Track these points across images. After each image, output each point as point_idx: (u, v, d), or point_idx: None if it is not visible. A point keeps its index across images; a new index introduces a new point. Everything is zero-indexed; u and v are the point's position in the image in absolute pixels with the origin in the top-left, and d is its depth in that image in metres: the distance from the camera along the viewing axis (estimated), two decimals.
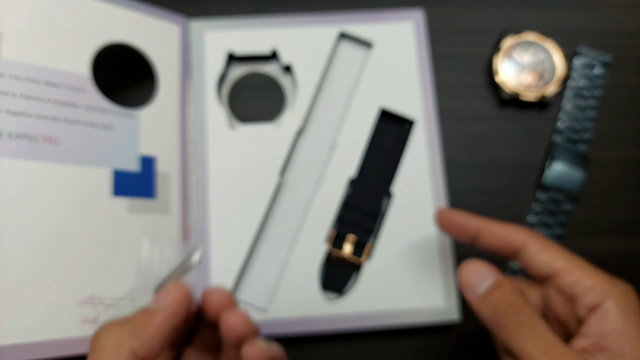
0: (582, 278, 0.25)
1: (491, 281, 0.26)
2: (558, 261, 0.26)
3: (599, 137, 0.41)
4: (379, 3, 0.42)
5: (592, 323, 0.24)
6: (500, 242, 0.28)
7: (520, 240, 0.27)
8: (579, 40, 0.42)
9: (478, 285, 0.26)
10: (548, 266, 0.26)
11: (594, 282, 0.25)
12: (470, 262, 0.27)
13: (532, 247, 0.27)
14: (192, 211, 0.36)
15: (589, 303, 0.24)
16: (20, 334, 0.26)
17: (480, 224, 0.29)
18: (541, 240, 0.27)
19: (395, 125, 0.39)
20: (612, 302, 0.24)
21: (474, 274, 0.26)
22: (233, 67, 0.41)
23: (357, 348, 0.36)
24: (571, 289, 0.25)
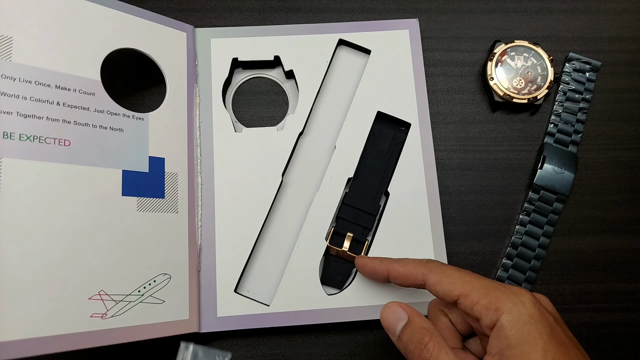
0: (478, 299, 0.25)
1: (404, 321, 0.27)
2: (456, 288, 0.26)
3: (589, 139, 0.40)
4: (376, 12, 0.42)
5: (492, 342, 0.24)
6: (405, 280, 0.29)
7: (420, 275, 0.28)
8: (570, 45, 0.42)
9: (396, 327, 0.27)
10: (449, 295, 0.26)
11: (489, 302, 0.25)
12: (388, 305, 0.28)
13: (431, 280, 0.27)
14: (198, 210, 0.36)
15: (488, 323, 0.24)
16: (31, 329, 0.26)
17: (386, 267, 0.30)
18: (438, 271, 0.27)
19: (392, 128, 0.39)
20: (504, 318, 0.24)
21: (390, 315, 0.28)
22: (237, 73, 0.40)
23: (356, 339, 0.36)
24: (473, 312, 0.25)
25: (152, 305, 0.31)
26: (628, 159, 0.40)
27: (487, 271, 0.38)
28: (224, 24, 0.41)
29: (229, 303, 0.34)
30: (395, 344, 0.28)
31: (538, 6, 0.43)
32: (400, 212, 0.36)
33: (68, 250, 0.28)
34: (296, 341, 0.36)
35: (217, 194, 0.36)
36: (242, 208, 0.36)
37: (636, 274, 0.38)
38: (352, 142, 0.38)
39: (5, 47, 0.28)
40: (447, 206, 0.38)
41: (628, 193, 0.39)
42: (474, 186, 0.39)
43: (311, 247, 0.36)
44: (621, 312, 0.37)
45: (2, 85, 0.28)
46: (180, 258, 0.34)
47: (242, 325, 0.34)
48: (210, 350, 0.30)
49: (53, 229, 0.28)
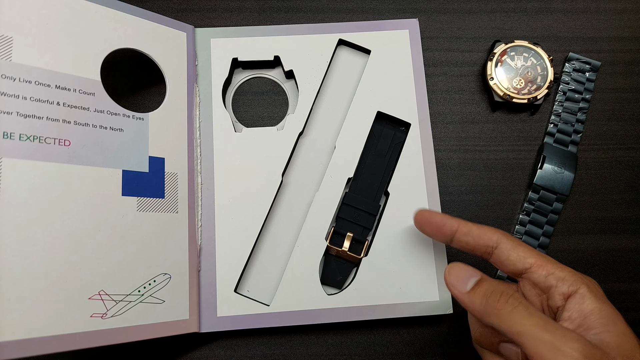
0: (554, 271, 0.26)
1: (477, 278, 0.27)
2: (531, 257, 0.27)
3: (589, 139, 0.40)
4: (376, 12, 0.42)
5: (573, 308, 0.25)
6: (476, 240, 0.29)
7: (495, 239, 0.28)
8: (570, 45, 0.42)
9: (465, 283, 0.27)
10: (522, 262, 0.27)
11: (566, 274, 0.26)
12: (455, 264, 0.28)
13: (506, 245, 0.28)
14: (198, 210, 0.36)
15: (565, 291, 0.26)
16: (31, 329, 0.26)
17: (458, 224, 0.30)
18: (513, 239, 0.28)
19: (392, 128, 0.39)
20: (585, 289, 0.25)
21: (460, 273, 0.27)
22: (237, 73, 0.40)
23: (355, 338, 0.36)
24: (545, 281, 0.26)
25: (152, 305, 0.31)
26: (628, 159, 0.40)
27: (487, 271, 0.37)
28: (224, 24, 0.41)
29: (229, 303, 0.34)
30: (465, 298, 0.27)
31: (538, 6, 0.43)
32: (400, 212, 0.36)
33: (68, 250, 0.28)
34: (296, 341, 0.36)
35: (217, 194, 0.36)
36: (242, 208, 0.36)
37: (636, 274, 0.38)
38: (352, 142, 0.38)
39: (5, 47, 0.28)
40: (447, 206, 0.38)
41: (628, 193, 0.39)
42: (474, 186, 0.39)
43: (311, 247, 0.36)
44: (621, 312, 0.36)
45: (2, 85, 0.28)
46: (180, 258, 0.34)
47: (242, 325, 0.34)
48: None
49: (53, 229, 0.28)
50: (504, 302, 0.25)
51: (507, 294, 0.25)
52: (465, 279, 0.27)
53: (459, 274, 0.27)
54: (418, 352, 0.36)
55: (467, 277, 0.27)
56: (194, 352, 0.35)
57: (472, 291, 0.26)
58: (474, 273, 0.27)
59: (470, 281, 0.27)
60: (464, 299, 0.27)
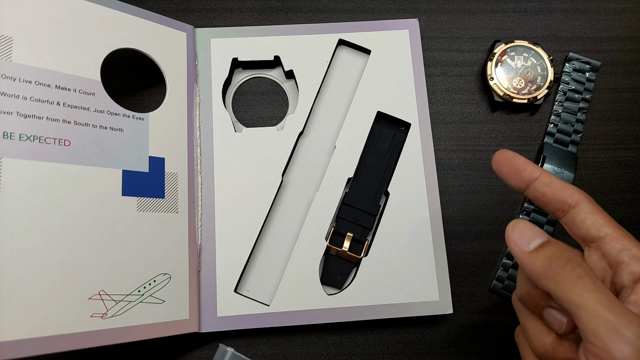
0: (630, 247, 0.24)
1: (543, 239, 0.24)
2: (609, 226, 0.25)
3: (589, 139, 0.40)
4: (376, 12, 0.42)
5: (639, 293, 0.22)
6: (556, 194, 0.26)
7: (577, 197, 0.26)
8: (570, 45, 0.42)
9: (529, 241, 0.24)
10: (598, 229, 0.25)
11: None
12: (520, 221, 0.25)
13: (587, 207, 0.25)
14: (198, 210, 0.36)
15: (636, 271, 0.23)
16: (31, 329, 0.26)
17: (540, 172, 0.27)
18: (595, 204, 0.26)
19: (392, 128, 0.39)
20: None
21: (525, 231, 0.25)
22: (237, 73, 0.40)
23: (355, 338, 0.36)
24: (618, 256, 0.24)
25: (152, 305, 0.31)
26: (628, 159, 0.40)
27: (487, 271, 0.38)
28: (224, 24, 0.41)
29: (229, 303, 0.34)
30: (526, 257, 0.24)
31: (538, 6, 0.43)
32: (400, 212, 0.36)
33: (68, 250, 0.28)
34: (296, 341, 0.36)
35: (217, 194, 0.36)
36: (242, 208, 0.36)
37: None
38: (352, 142, 0.38)
39: (5, 47, 0.28)
40: (447, 206, 0.38)
41: (628, 193, 0.39)
42: (474, 186, 0.39)
43: (311, 247, 0.36)
44: None
45: (2, 85, 0.28)
46: (180, 258, 0.34)
47: (242, 325, 0.34)
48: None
49: (53, 229, 0.28)
50: (569, 269, 0.22)
51: (575, 262, 0.23)
52: (530, 237, 0.24)
53: (524, 231, 0.24)
54: (418, 352, 0.36)
55: (532, 236, 0.24)
56: (194, 352, 0.35)
57: (535, 251, 0.24)
58: (540, 234, 0.24)
59: (535, 241, 0.24)
60: (524, 258, 0.24)
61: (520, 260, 0.24)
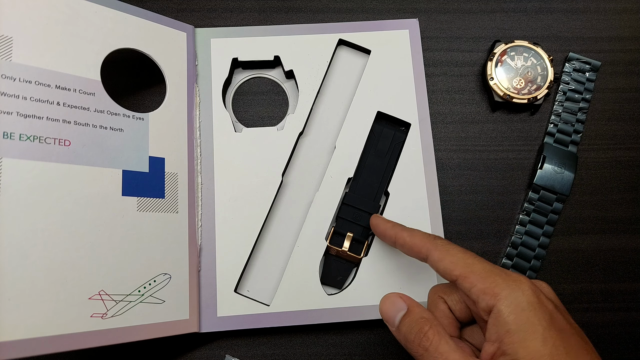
0: (476, 283, 0.25)
1: (403, 311, 0.27)
2: (456, 268, 0.26)
3: (589, 139, 0.40)
4: (376, 12, 0.42)
5: (491, 328, 0.24)
6: (410, 251, 0.29)
7: (424, 250, 0.28)
8: (570, 45, 0.42)
9: (395, 317, 0.27)
10: (449, 273, 0.26)
11: (486, 286, 0.24)
12: (387, 296, 0.28)
13: (434, 257, 0.27)
14: (198, 210, 0.36)
15: (484, 307, 0.24)
16: (31, 329, 0.26)
17: (395, 234, 0.30)
18: (441, 249, 0.27)
19: (392, 128, 0.39)
20: (502, 304, 0.23)
21: (389, 307, 0.27)
22: (237, 73, 0.40)
23: (355, 338, 0.36)
24: (470, 295, 0.25)
25: (152, 305, 0.31)
26: (628, 159, 0.40)
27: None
28: (224, 24, 0.41)
29: (229, 303, 0.34)
30: (395, 334, 0.27)
31: (538, 6, 0.43)
32: (400, 212, 0.36)
33: (68, 250, 0.28)
34: (296, 341, 0.36)
35: (217, 194, 0.36)
36: (242, 208, 0.36)
37: (636, 274, 0.38)
38: (352, 142, 0.38)
39: (5, 47, 0.28)
40: (447, 206, 0.38)
41: (628, 193, 0.39)
42: (474, 186, 0.39)
43: (311, 247, 0.36)
44: (621, 312, 0.37)
45: (2, 85, 0.28)
46: (180, 258, 0.34)
47: (242, 325, 0.34)
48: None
49: (53, 229, 0.28)
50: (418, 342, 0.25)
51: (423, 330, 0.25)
52: (394, 313, 0.27)
53: (388, 310, 0.27)
54: None
55: (395, 312, 0.27)
56: (194, 352, 0.35)
57: (398, 327, 0.27)
58: (401, 305, 0.27)
59: (399, 315, 0.27)
60: (396, 336, 0.27)
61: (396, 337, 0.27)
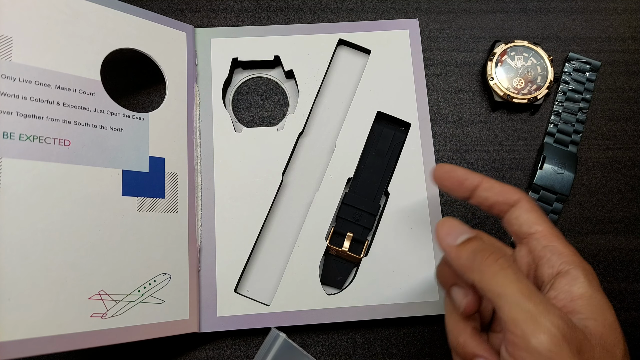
0: (556, 244, 0.25)
1: (470, 235, 0.25)
2: (540, 224, 0.25)
3: (589, 139, 0.40)
4: (376, 12, 0.42)
5: (561, 287, 0.23)
6: (497, 196, 0.27)
7: (516, 197, 0.26)
8: (570, 45, 0.42)
9: (456, 237, 0.25)
10: (530, 226, 0.25)
11: (567, 251, 0.24)
12: (449, 218, 0.26)
13: (524, 206, 0.26)
14: (198, 210, 0.36)
15: (556, 267, 0.24)
16: (31, 329, 0.26)
17: (481, 178, 0.28)
18: (533, 203, 0.26)
19: (392, 128, 0.39)
20: (580, 271, 0.24)
21: (452, 227, 0.25)
22: (237, 73, 0.40)
23: (355, 338, 0.36)
24: (541, 251, 0.25)
25: (152, 305, 0.31)
26: (628, 159, 0.40)
27: None
28: (224, 24, 0.41)
29: (229, 303, 0.34)
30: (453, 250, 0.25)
31: (538, 6, 0.43)
32: (400, 212, 0.36)
33: (68, 250, 0.28)
34: (296, 341, 0.36)
35: (217, 194, 0.36)
36: (242, 208, 0.36)
37: (636, 274, 0.38)
38: (352, 142, 0.38)
39: (5, 47, 0.28)
40: (447, 206, 0.38)
41: (628, 193, 0.39)
42: None
43: (311, 247, 0.36)
44: (621, 312, 0.37)
45: (2, 85, 0.28)
46: (180, 258, 0.34)
47: (242, 325, 0.34)
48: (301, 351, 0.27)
49: (53, 229, 0.28)
50: (492, 261, 0.23)
51: (497, 254, 0.23)
52: (458, 233, 0.25)
53: (452, 227, 0.25)
54: (418, 352, 0.36)
55: (460, 232, 0.25)
56: (194, 352, 0.35)
57: (461, 245, 0.24)
58: (468, 230, 0.25)
59: (462, 236, 0.25)
60: (451, 251, 0.25)
61: (447, 254, 0.25)
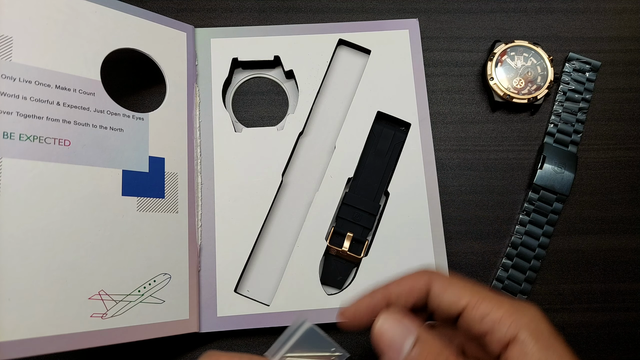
0: (490, 311, 0.22)
1: (413, 337, 0.22)
2: (464, 297, 0.23)
3: (589, 139, 0.40)
4: (376, 12, 0.42)
5: (515, 358, 0.21)
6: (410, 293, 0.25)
7: (424, 281, 0.24)
8: (570, 45, 0.42)
9: (402, 345, 0.22)
10: (455, 304, 0.23)
11: (503, 313, 0.22)
12: (386, 318, 0.23)
13: (437, 286, 0.24)
14: (198, 210, 0.36)
15: (504, 337, 0.22)
16: (31, 329, 0.26)
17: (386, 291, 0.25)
18: (444, 279, 0.24)
19: (392, 128, 0.39)
20: (526, 332, 0.21)
21: (395, 329, 0.23)
22: (237, 73, 0.40)
23: (355, 338, 0.36)
24: (481, 325, 0.22)
25: (152, 305, 0.31)
26: (628, 159, 0.40)
27: (487, 271, 0.38)
28: (224, 24, 0.41)
29: (229, 303, 0.34)
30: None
31: (538, 6, 0.43)
32: (400, 212, 0.36)
33: (68, 250, 0.28)
34: None
35: (217, 194, 0.36)
36: (242, 208, 0.36)
37: (636, 274, 0.38)
38: (352, 142, 0.38)
39: (5, 47, 0.28)
40: (447, 206, 0.38)
41: (628, 193, 0.39)
42: (474, 186, 0.39)
43: (311, 247, 0.36)
44: (621, 312, 0.37)
45: (2, 85, 0.28)
46: (180, 258, 0.34)
47: (242, 325, 0.34)
48: (327, 339, 0.25)
49: (53, 229, 0.28)
50: None
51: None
52: (401, 338, 0.22)
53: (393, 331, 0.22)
54: None
55: (403, 336, 0.22)
56: (194, 352, 0.35)
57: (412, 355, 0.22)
58: (410, 327, 0.22)
59: (407, 342, 0.22)
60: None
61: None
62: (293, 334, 0.24)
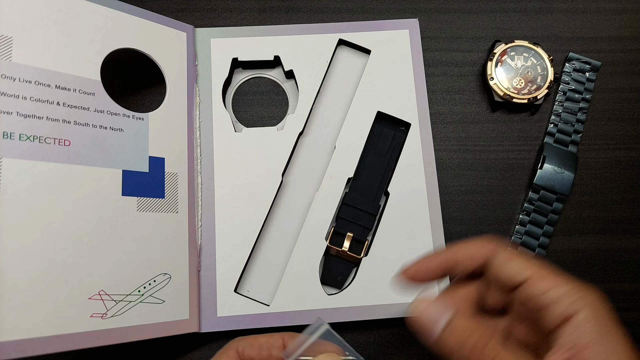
0: (553, 286, 0.22)
1: (449, 315, 0.23)
2: (528, 269, 0.23)
3: (589, 139, 0.40)
4: (376, 12, 0.42)
5: (567, 335, 0.21)
6: (472, 260, 0.25)
7: (487, 250, 0.25)
8: (570, 45, 0.42)
9: (434, 325, 0.23)
10: (518, 274, 0.23)
11: (567, 291, 0.22)
12: (422, 301, 0.24)
13: (501, 257, 0.24)
14: (198, 210, 0.36)
15: (562, 313, 0.22)
16: (31, 329, 0.26)
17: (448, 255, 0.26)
18: (508, 251, 0.25)
19: (392, 128, 0.39)
20: (586, 313, 0.21)
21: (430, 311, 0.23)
22: (237, 73, 0.40)
23: (355, 338, 0.36)
24: (541, 298, 0.22)
25: (152, 305, 0.31)
26: (628, 159, 0.40)
27: None
28: (224, 24, 0.41)
29: (229, 303, 0.34)
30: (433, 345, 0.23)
31: (538, 6, 0.43)
32: (400, 212, 0.36)
33: (68, 250, 0.28)
34: None
35: (217, 194, 0.36)
36: (242, 208, 0.36)
37: (636, 274, 0.38)
38: (352, 142, 0.38)
39: (5, 47, 0.28)
40: (447, 206, 0.38)
41: (628, 193, 0.39)
42: (474, 186, 0.39)
43: (311, 247, 0.36)
44: (621, 312, 0.37)
45: (2, 85, 0.28)
46: (180, 258, 0.34)
47: (242, 325, 0.34)
48: (342, 342, 0.26)
49: (53, 229, 0.28)
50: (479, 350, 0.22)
51: (485, 339, 0.22)
52: (436, 318, 0.23)
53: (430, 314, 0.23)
54: (418, 352, 0.36)
55: (438, 316, 0.23)
56: (194, 352, 0.35)
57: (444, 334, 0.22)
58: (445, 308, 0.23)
59: (442, 320, 0.23)
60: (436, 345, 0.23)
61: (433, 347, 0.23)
62: (310, 335, 0.25)
